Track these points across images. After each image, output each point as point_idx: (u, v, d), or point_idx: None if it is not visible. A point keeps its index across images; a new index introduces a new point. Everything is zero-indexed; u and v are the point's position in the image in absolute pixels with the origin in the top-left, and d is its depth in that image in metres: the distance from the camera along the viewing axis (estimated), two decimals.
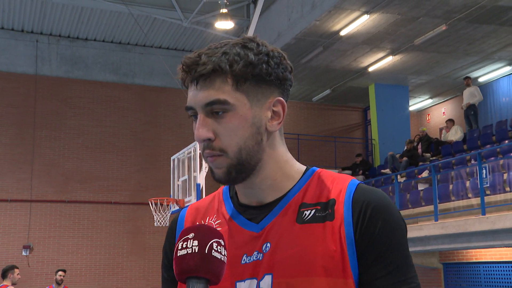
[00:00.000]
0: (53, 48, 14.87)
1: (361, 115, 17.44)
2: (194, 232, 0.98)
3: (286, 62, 1.12)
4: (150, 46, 15.18)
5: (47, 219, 14.26)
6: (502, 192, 9.01)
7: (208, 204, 1.21)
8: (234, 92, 1.05)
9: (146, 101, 15.45)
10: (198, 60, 1.06)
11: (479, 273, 11.07)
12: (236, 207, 1.16)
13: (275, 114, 1.10)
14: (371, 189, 1.10)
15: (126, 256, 14.65)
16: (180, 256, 0.97)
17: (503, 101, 14.77)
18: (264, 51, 1.09)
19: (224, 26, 12.81)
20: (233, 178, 1.08)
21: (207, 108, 1.06)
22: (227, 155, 1.06)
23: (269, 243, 1.08)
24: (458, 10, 10.81)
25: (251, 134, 1.07)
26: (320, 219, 1.07)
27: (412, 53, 12.96)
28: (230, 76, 1.05)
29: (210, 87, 1.05)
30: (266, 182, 1.12)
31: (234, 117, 1.06)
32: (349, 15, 11.09)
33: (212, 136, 1.06)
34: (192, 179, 10.16)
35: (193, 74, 1.06)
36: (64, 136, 14.68)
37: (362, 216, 1.06)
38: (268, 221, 1.10)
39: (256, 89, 1.07)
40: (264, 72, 1.07)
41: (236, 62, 1.05)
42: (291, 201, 1.11)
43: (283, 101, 1.11)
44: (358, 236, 1.05)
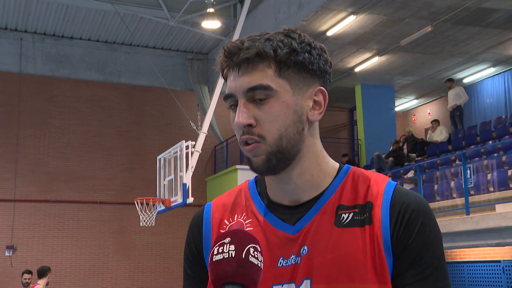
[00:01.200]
0: (38, 46, 14.73)
1: (347, 115, 17.51)
2: (230, 237, 0.95)
3: (327, 55, 1.10)
4: (136, 45, 15.10)
5: (31, 219, 14.12)
6: (486, 192, 9.10)
7: (235, 200, 1.16)
8: (277, 78, 1.03)
9: (132, 101, 15.37)
10: (240, 45, 1.04)
11: (463, 273, 11.18)
12: (268, 205, 1.11)
13: (316, 103, 1.08)
14: (409, 193, 1.08)
15: (112, 256, 14.56)
16: (217, 261, 0.93)
17: (487, 102, 14.93)
18: (307, 41, 1.08)
19: (210, 26, 12.79)
20: (273, 167, 1.04)
21: (249, 93, 1.03)
22: (265, 142, 1.03)
23: (306, 246, 1.05)
24: (443, 11, 10.90)
25: (292, 122, 1.04)
26: (359, 223, 1.05)
27: (398, 54, 13.04)
28: (273, 62, 1.03)
29: (253, 71, 1.03)
30: (304, 177, 1.08)
31: (277, 103, 1.03)
32: (336, 16, 11.13)
33: (253, 122, 1.03)
34: (178, 178, 10.12)
35: (236, 59, 1.04)
36: (49, 135, 14.56)
37: (400, 220, 1.04)
38: (304, 223, 1.07)
39: (299, 77, 1.05)
40: (307, 60, 1.05)
41: (280, 48, 1.03)
42: (328, 202, 1.08)
43: (325, 91, 1.09)
44: (395, 240, 1.03)
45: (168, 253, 14.99)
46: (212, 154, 15.87)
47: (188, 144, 10.11)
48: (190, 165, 10.11)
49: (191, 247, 1.16)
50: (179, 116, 15.01)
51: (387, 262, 1.02)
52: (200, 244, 1.15)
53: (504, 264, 10.29)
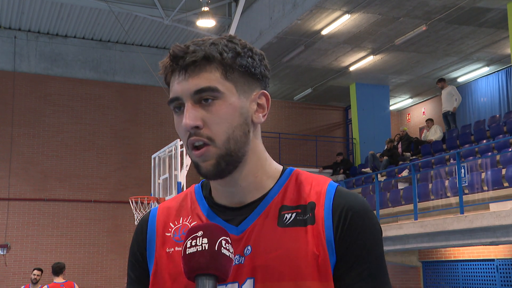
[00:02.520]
0: (32, 45, 14.67)
1: (342, 114, 17.53)
2: (202, 230, 0.98)
3: (266, 61, 1.13)
4: (131, 44, 15.06)
5: (25, 217, 14.07)
6: (480, 191, 9.13)
7: (180, 204, 1.18)
8: (223, 80, 1.05)
9: (127, 99, 15.34)
10: (186, 49, 1.06)
11: (457, 271, 11.22)
12: (212, 208, 1.13)
13: (260, 106, 1.11)
14: (350, 193, 1.11)
15: (106, 254, 14.53)
16: (190, 253, 0.96)
17: (481, 101, 14.98)
18: (248, 46, 1.10)
19: (205, 24, 12.77)
20: (222, 170, 1.06)
21: (196, 96, 1.05)
22: (214, 144, 1.04)
23: (250, 246, 1.07)
24: (438, 11, 10.93)
25: (239, 124, 1.06)
26: (302, 222, 1.07)
27: (392, 53, 13.07)
28: (220, 65, 1.05)
29: (200, 74, 1.05)
30: (248, 179, 1.10)
31: (224, 105, 1.05)
32: (331, 15, 11.14)
33: (200, 123, 1.04)
34: (173, 177, 10.11)
35: (182, 63, 1.05)
36: (43, 134, 14.50)
37: (343, 221, 1.06)
38: (248, 224, 1.09)
39: (243, 80, 1.08)
40: (250, 64, 1.08)
41: (226, 51, 1.06)
42: (271, 203, 1.10)
43: (268, 94, 1.12)
44: (338, 241, 1.05)
45: None
46: None
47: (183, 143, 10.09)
48: (184, 163, 10.10)
49: (134, 251, 1.20)
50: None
51: (330, 261, 1.04)
52: (143, 248, 1.17)
53: (498, 262, 10.34)
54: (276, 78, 14.81)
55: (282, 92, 16.00)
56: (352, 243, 1.05)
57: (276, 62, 13.53)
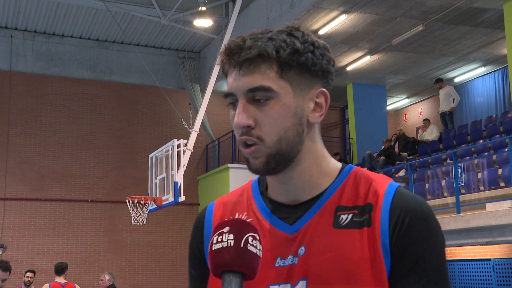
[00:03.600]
0: (28, 44, 14.64)
1: (339, 114, 17.54)
2: (229, 226, 0.95)
3: (330, 54, 1.08)
4: (128, 44, 15.04)
5: (22, 217, 14.04)
6: (477, 191, 9.15)
7: (237, 199, 1.16)
8: (278, 79, 1.02)
9: (124, 99, 15.32)
10: (242, 44, 1.02)
11: (454, 271, 11.24)
12: (268, 204, 1.11)
13: (318, 105, 1.07)
14: (411, 196, 1.05)
15: (103, 254, 14.51)
16: (215, 250, 0.94)
17: (478, 101, 15.00)
18: (310, 40, 1.05)
19: (202, 24, 12.77)
20: (271, 169, 1.03)
21: (249, 94, 1.02)
22: (264, 144, 1.02)
23: (304, 246, 1.04)
24: (435, 11, 10.95)
25: (292, 124, 1.03)
26: (357, 224, 1.03)
27: (389, 53, 13.08)
28: (275, 63, 1.01)
29: (255, 72, 1.01)
30: (303, 177, 1.07)
31: (277, 105, 1.02)
32: (328, 15, 11.15)
33: (252, 123, 1.02)
34: (170, 177, 10.10)
35: (237, 59, 1.02)
36: (40, 134, 14.47)
37: (400, 224, 1.01)
38: (303, 223, 1.06)
39: (300, 78, 1.04)
40: (309, 61, 1.03)
41: (283, 48, 1.01)
42: (327, 202, 1.07)
43: (327, 92, 1.08)
44: (394, 244, 1.01)
45: (160, 251, 14.96)
46: (204, 153, 15.85)
47: (180, 142, 10.10)
48: (181, 163, 10.09)
49: (193, 248, 1.17)
50: (171, 115, 14.97)
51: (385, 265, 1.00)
52: (201, 244, 1.15)
53: (494, 262, 10.36)
54: None
55: None
56: (408, 248, 1.00)
57: None
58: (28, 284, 8.57)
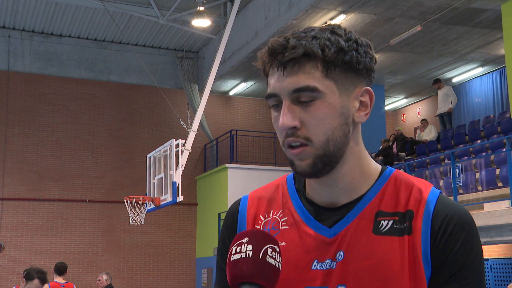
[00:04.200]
0: (26, 44, 14.62)
1: None
2: (248, 237, 0.94)
3: (372, 52, 1.07)
4: (126, 43, 15.03)
5: (19, 217, 14.02)
6: (474, 191, 9.16)
7: (271, 195, 1.13)
8: (323, 79, 0.99)
9: (122, 99, 15.31)
10: (286, 44, 1.00)
11: None
12: (305, 205, 1.08)
13: (363, 104, 1.06)
14: (453, 204, 1.04)
15: (101, 254, 14.50)
16: (234, 260, 0.93)
17: (476, 101, 15.03)
18: (353, 38, 1.03)
19: (201, 24, 12.77)
20: (318, 171, 1.01)
21: (294, 95, 0.99)
22: (312, 145, 0.99)
23: (342, 251, 1.02)
24: (433, 11, 10.96)
25: (339, 125, 1.01)
26: (398, 231, 1.01)
27: (387, 53, 13.10)
28: (320, 62, 0.99)
29: (300, 72, 0.99)
30: (345, 180, 1.05)
31: (323, 105, 0.99)
32: (326, 15, 11.15)
33: (298, 124, 0.99)
34: (168, 177, 10.09)
35: (281, 59, 0.99)
36: (38, 134, 14.46)
37: (442, 232, 1.00)
38: (342, 227, 1.03)
39: (345, 77, 1.02)
40: (354, 59, 1.02)
41: (328, 47, 0.99)
42: (367, 206, 1.04)
43: (371, 91, 1.07)
44: (435, 253, 0.99)
45: (158, 251, 14.95)
46: (202, 153, 15.85)
47: (178, 142, 10.09)
48: (180, 163, 10.09)
49: (224, 240, 1.14)
50: (169, 115, 14.97)
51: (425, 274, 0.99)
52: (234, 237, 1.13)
53: (492, 262, 10.38)
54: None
55: None
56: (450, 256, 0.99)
57: None
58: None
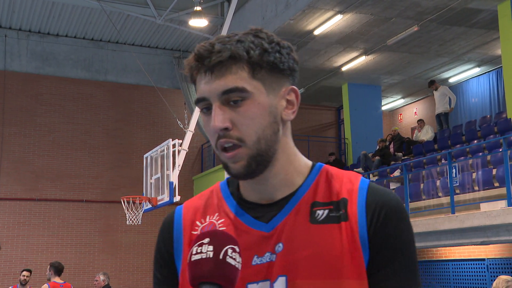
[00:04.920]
0: (23, 44, 14.59)
1: (334, 114, 17.57)
2: (209, 237, 0.96)
3: (294, 53, 1.10)
4: (123, 43, 15.02)
5: (16, 217, 13.99)
6: (471, 191, 9.18)
7: (206, 202, 1.15)
8: (251, 79, 1.03)
9: (119, 99, 15.29)
10: (211, 48, 1.03)
11: (448, 271, 11.27)
12: (241, 204, 1.11)
13: (289, 103, 1.09)
14: (384, 190, 1.09)
15: (98, 254, 14.48)
16: (194, 261, 0.94)
17: (473, 101, 15.06)
18: (276, 40, 1.07)
19: (198, 24, 12.75)
20: (253, 171, 1.04)
21: (223, 96, 1.02)
22: (245, 145, 1.02)
23: (281, 243, 1.04)
24: (430, 11, 10.98)
25: (269, 123, 1.04)
26: (335, 219, 1.05)
27: (384, 53, 13.11)
28: (246, 64, 1.03)
29: (227, 74, 1.02)
30: (278, 176, 1.08)
31: (252, 105, 1.03)
32: (323, 15, 11.16)
33: (229, 125, 1.02)
34: (165, 177, 10.08)
35: (208, 63, 1.03)
36: (34, 133, 14.43)
37: (377, 218, 1.04)
38: (279, 221, 1.06)
39: (271, 78, 1.05)
40: (278, 60, 1.05)
41: (252, 49, 1.03)
42: (302, 199, 1.08)
43: (297, 89, 1.10)
44: (371, 238, 1.04)
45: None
46: (199, 153, 15.84)
47: (175, 142, 10.08)
48: (177, 163, 10.08)
49: (161, 251, 1.16)
50: (166, 115, 14.96)
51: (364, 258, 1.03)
52: (170, 247, 1.15)
53: (489, 262, 10.40)
54: None
55: None
56: (386, 240, 1.03)
57: None
58: (24, 283, 8.52)
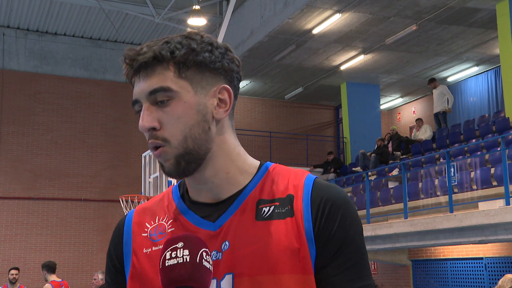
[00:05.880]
0: (21, 42, 14.57)
1: (333, 113, 17.57)
2: (183, 241, 0.96)
3: (232, 54, 1.10)
4: (121, 42, 15.00)
5: (14, 216, 13.98)
6: (469, 190, 9.19)
7: (157, 204, 1.16)
8: (177, 79, 1.04)
9: (117, 97, 15.27)
10: (139, 51, 1.05)
11: (446, 269, 11.28)
12: (188, 205, 1.12)
13: (222, 101, 1.08)
14: (329, 185, 1.09)
15: (96, 253, 14.47)
16: (170, 266, 0.94)
17: (471, 101, 15.07)
18: (207, 41, 1.08)
19: (196, 23, 12.74)
20: (183, 169, 1.05)
21: (151, 97, 1.04)
22: (169, 145, 1.03)
23: (227, 241, 1.05)
24: (428, 10, 10.99)
25: (196, 122, 1.04)
26: (281, 215, 1.05)
27: (383, 52, 13.11)
28: (171, 64, 1.04)
29: (152, 75, 1.04)
30: (219, 175, 1.08)
31: (178, 104, 1.04)
32: (322, 14, 11.16)
33: (157, 125, 1.03)
34: (164, 176, 10.08)
35: (135, 65, 1.05)
36: (32, 132, 14.41)
37: (321, 213, 1.05)
38: (225, 219, 1.07)
39: (201, 77, 1.06)
40: (207, 59, 1.06)
41: (178, 49, 1.04)
42: (248, 197, 1.08)
43: (230, 88, 1.09)
44: (317, 233, 1.04)
45: None
46: None
47: None
48: None
49: (111, 255, 1.17)
50: None
51: (310, 253, 1.03)
52: (120, 251, 1.15)
53: (487, 261, 10.41)
54: (267, 77, 14.81)
55: (273, 91, 16.00)
56: (332, 234, 1.04)
57: (267, 61, 13.54)
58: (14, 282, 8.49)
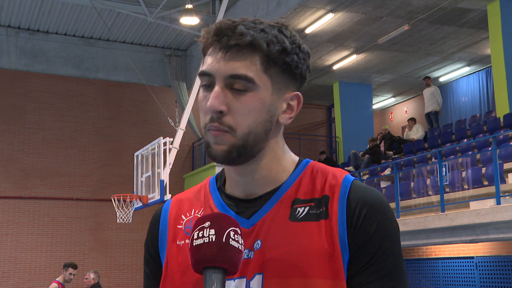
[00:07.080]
0: (12, 40, 14.47)
1: (325, 113, 17.60)
2: (210, 221, 0.93)
3: (309, 61, 1.08)
4: (113, 41, 14.94)
5: (5, 215, 13.89)
6: (461, 190, 9.24)
7: (194, 196, 1.15)
8: (261, 73, 1.00)
9: (109, 97, 15.22)
10: (234, 28, 0.99)
11: (438, 269, 11.34)
12: (225, 199, 1.10)
13: (290, 108, 1.06)
14: (367, 188, 1.05)
15: (88, 253, 14.42)
16: (197, 245, 0.92)
17: (463, 100, 15.15)
18: (297, 42, 1.04)
19: (189, 22, 12.73)
20: (231, 159, 1.01)
21: (229, 80, 0.99)
22: (234, 134, 0.99)
23: (260, 240, 1.02)
24: (420, 10, 11.03)
25: (264, 120, 1.01)
26: (315, 217, 1.02)
27: (375, 52, 13.15)
28: (263, 56, 1.00)
29: (241, 60, 0.99)
30: (262, 172, 1.06)
31: (254, 98, 1.00)
32: (314, 13, 11.18)
33: (225, 109, 0.99)
34: (156, 175, 10.06)
35: (226, 41, 0.99)
36: (24, 131, 14.33)
37: (357, 216, 1.01)
38: (259, 217, 1.04)
39: (281, 78, 1.03)
40: (294, 63, 1.03)
41: (273, 43, 1.00)
42: (284, 195, 1.05)
43: (301, 97, 1.07)
44: (352, 237, 1.00)
45: None
46: (190, 151, 15.81)
47: (166, 140, 10.06)
48: (167, 161, 10.06)
49: (148, 246, 1.16)
50: (157, 113, 14.91)
51: (342, 258, 0.99)
52: (156, 242, 1.14)
53: (477, 260, 10.47)
54: None
55: None
56: (367, 240, 0.99)
57: None
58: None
